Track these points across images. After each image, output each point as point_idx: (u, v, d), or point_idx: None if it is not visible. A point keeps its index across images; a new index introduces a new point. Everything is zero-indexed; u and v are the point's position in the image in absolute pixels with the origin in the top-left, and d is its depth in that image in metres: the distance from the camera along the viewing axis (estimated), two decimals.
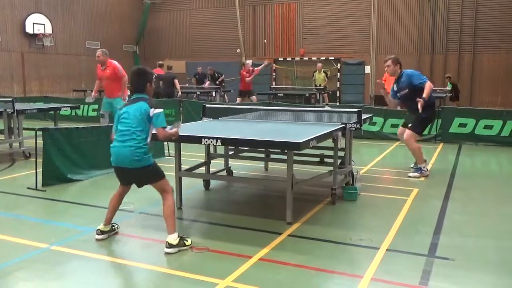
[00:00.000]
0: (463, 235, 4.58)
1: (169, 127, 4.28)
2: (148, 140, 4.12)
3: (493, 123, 10.09)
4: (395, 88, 7.16)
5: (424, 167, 7.09)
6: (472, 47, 18.98)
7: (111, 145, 4.18)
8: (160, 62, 16.33)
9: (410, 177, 7.00)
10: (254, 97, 14.49)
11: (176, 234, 4.06)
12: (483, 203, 5.75)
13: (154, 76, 16.23)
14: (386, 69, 7.20)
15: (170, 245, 4.00)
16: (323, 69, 17.80)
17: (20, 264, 3.85)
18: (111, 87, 9.03)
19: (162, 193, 4.19)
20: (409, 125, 7.13)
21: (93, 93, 9.86)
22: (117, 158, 4.11)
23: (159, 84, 14.85)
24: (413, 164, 7.37)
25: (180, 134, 5.06)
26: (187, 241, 4.12)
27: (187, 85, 19.42)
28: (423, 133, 7.49)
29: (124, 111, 4.15)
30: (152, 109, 4.05)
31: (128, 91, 10.03)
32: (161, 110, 4.08)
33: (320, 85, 17.52)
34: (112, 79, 8.97)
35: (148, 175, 4.14)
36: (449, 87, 17.03)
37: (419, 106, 6.67)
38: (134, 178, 4.22)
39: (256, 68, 14.42)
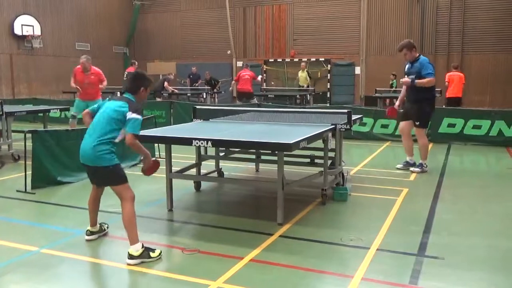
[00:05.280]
0: (452, 234, 4.62)
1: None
2: (116, 140, 3.98)
3: (482, 123, 10.20)
4: (406, 70, 7.35)
5: (425, 163, 7.39)
6: (461, 48, 19.17)
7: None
8: (132, 61, 16.82)
9: (411, 171, 7.32)
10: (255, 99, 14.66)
11: (139, 245, 3.86)
12: (471, 202, 5.81)
13: (125, 75, 16.24)
14: (404, 57, 7.28)
15: (131, 256, 3.82)
16: (306, 69, 18.12)
17: (9, 267, 3.82)
18: (93, 91, 9.63)
19: (120, 200, 4.00)
20: (416, 123, 7.29)
21: (74, 85, 9.83)
22: (81, 153, 4.02)
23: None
24: (403, 162, 7.60)
25: (171, 136, 5.07)
26: (153, 252, 3.91)
27: (178, 86, 19.40)
28: (413, 132, 7.65)
29: (106, 105, 4.08)
30: (130, 112, 3.91)
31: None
32: (138, 116, 3.91)
33: (303, 86, 17.74)
34: (95, 83, 9.62)
35: (107, 175, 3.97)
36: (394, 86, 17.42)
37: (403, 80, 7.22)
38: (94, 176, 4.12)
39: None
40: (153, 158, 4.32)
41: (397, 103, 7.66)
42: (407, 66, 7.33)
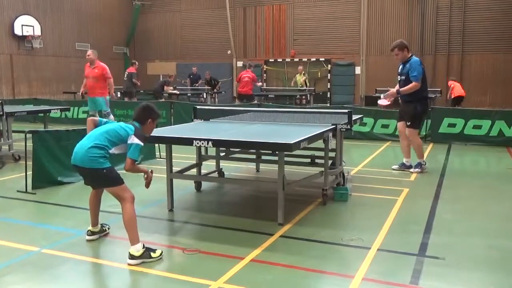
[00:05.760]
0: (453, 234, 4.62)
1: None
2: (110, 151, 4.00)
3: (482, 123, 10.20)
4: (399, 70, 7.34)
5: (423, 161, 7.36)
6: (461, 48, 19.18)
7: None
8: (133, 61, 16.89)
9: (411, 172, 7.29)
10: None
11: (139, 245, 3.87)
12: (472, 202, 5.81)
13: (126, 75, 16.37)
14: (395, 57, 7.26)
15: (132, 256, 3.83)
16: (303, 72, 18.28)
17: (10, 267, 3.82)
18: (95, 86, 9.78)
19: (119, 201, 4.01)
20: (407, 123, 7.31)
21: (82, 88, 10.61)
22: (74, 154, 4.01)
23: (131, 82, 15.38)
24: (399, 164, 7.58)
25: (171, 136, 5.07)
26: (154, 252, 3.91)
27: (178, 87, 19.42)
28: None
29: (114, 123, 4.18)
30: (133, 136, 3.96)
31: (114, 93, 10.45)
32: (140, 143, 3.97)
33: (301, 86, 17.83)
34: (98, 78, 9.74)
35: (100, 178, 4.00)
36: None
37: (388, 93, 7.28)
38: (88, 178, 4.16)
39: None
40: (150, 170, 4.29)
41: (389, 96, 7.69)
42: (400, 67, 7.33)
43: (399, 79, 7.34)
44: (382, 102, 7.52)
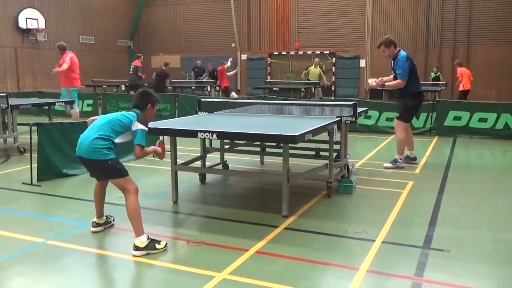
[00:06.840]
0: (458, 227, 4.61)
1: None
2: (115, 141, 4.00)
3: (488, 116, 10.14)
4: (391, 66, 7.25)
5: (400, 159, 7.21)
6: (466, 40, 19.03)
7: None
8: (138, 54, 16.87)
9: (385, 167, 7.15)
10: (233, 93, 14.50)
11: (144, 237, 3.88)
12: (477, 196, 5.79)
13: (131, 69, 16.27)
14: (383, 54, 7.22)
15: (136, 248, 3.85)
16: (318, 65, 17.70)
17: (16, 258, 3.84)
18: (61, 78, 10.23)
19: (123, 192, 4.02)
20: (397, 114, 7.32)
21: None
22: (78, 145, 4.03)
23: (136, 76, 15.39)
24: (404, 156, 7.47)
25: (176, 128, 5.07)
26: (159, 244, 3.93)
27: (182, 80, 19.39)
28: (417, 126, 7.64)
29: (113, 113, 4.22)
30: (137, 123, 3.99)
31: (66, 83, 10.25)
32: (144, 128, 4.00)
33: (315, 80, 17.50)
34: (62, 70, 10.09)
35: (105, 169, 4.01)
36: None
37: (374, 83, 7.19)
38: (92, 170, 4.17)
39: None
40: (158, 142, 4.43)
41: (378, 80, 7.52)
42: (391, 63, 7.22)
43: (393, 75, 7.25)
44: (371, 81, 7.40)
